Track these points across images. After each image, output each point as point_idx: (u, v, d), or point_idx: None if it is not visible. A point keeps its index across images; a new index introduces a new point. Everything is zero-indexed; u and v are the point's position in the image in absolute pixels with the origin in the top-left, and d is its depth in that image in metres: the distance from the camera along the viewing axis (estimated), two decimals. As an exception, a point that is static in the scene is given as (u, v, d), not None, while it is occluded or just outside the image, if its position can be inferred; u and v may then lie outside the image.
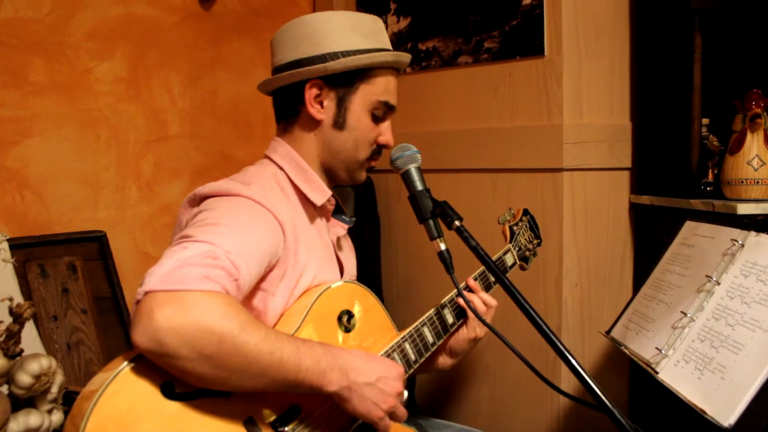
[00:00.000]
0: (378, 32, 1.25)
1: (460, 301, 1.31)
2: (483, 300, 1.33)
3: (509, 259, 1.49)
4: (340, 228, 1.33)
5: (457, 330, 1.35)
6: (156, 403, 0.88)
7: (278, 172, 1.23)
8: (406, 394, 1.11)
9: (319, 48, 1.19)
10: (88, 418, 0.81)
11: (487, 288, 1.39)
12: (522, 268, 1.54)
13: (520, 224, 1.55)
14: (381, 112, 1.24)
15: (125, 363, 0.87)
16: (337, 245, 1.33)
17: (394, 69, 1.27)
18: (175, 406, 0.89)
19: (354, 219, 1.38)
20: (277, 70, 1.24)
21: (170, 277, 0.86)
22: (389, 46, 1.27)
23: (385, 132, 1.26)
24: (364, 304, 1.23)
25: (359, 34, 1.21)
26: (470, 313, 1.32)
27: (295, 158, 1.23)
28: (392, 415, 1.07)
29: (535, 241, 1.60)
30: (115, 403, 0.84)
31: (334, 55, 1.18)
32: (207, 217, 1.02)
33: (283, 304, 1.13)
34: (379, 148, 1.27)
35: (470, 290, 1.34)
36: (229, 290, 0.91)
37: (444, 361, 1.39)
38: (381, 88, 1.23)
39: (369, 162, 1.27)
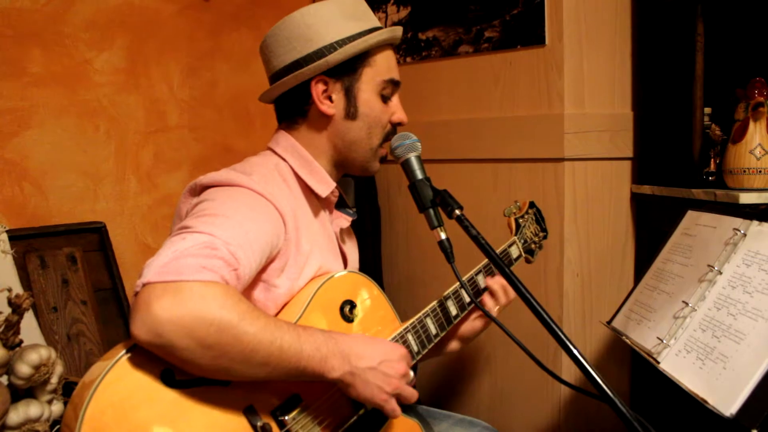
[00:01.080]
0: (365, 12, 1.23)
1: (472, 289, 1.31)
2: (504, 287, 1.35)
3: (514, 252, 1.47)
4: (343, 220, 1.32)
5: (464, 319, 1.36)
6: (155, 390, 0.88)
7: (281, 163, 1.21)
8: (412, 374, 1.10)
9: (315, 43, 1.17)
10: (88, 405, 0.81)
11: None
12: (527, 261, 1.52)
13: (525, 217, 1.53)
14: (389, 91, 1.23)
15: (124, 351, 0.87)
16: (340, 237, 1.32)
17: (390, 45, 1.25)
18: (174, 394, 0.89)
19: (355, 210, 1.37)
20: (276, 75, 1.22)
21: (168, 268, 0.85)
22: (378, 23, 1.25)
23: (397, 110, 1.24)
24: (367, 294, 1.23)
25: (349, 19, 1.19)
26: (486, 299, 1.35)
27: (299, 150, 1.22)
28: (399, 397, 1.06)
29: (541, 234, 1.58)
30: (114, 390, 0.84)
31: (331, 47, 1.16)
32: (207, 207, 1.02)
33: (286, 295, 1.12)
34: (393, 128, 1.25)
35: (483, 289, 1.36)
36: (228, 280, 0.90)
37: (454, 345, 1.40)
38: (384, 67, 1.22)
39: (381, 148, 1.25)
